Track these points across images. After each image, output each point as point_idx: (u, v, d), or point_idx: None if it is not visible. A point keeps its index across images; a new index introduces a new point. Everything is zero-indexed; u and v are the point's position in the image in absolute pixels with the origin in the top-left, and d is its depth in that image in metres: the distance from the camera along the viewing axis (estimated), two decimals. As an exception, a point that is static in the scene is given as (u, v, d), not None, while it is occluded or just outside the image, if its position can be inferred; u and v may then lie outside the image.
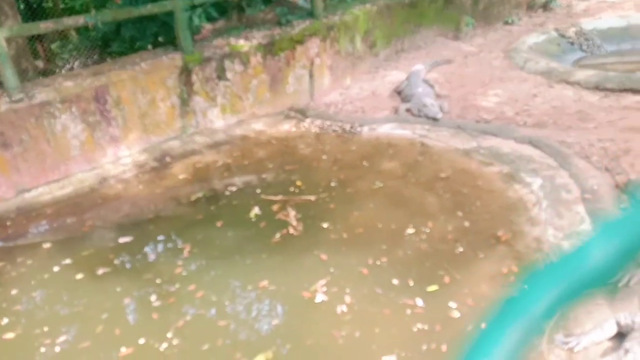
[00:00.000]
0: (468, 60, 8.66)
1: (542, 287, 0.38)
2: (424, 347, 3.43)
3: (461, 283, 3.98)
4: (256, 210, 5.15)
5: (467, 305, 3.73)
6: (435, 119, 6.61)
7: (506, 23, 10.68)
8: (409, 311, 3.76)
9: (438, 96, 7.30)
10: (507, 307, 0.38)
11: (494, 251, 4.30)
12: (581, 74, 7.45)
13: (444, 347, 3.42)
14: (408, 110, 6.99)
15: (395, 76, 8.14)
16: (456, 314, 3.68)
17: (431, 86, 7.41)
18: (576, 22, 10.07)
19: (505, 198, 5.01)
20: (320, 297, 3.92)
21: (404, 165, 5.85)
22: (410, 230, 4.64)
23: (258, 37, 7.14)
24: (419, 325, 3.61)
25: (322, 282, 4.06)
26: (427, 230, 4.63)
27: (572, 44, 9.64)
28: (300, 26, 7.49)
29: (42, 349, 3.69)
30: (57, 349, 3.69)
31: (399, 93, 7.54)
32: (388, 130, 6.71)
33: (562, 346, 3.28)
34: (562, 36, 9.72)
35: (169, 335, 3.70)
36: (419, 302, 3.81)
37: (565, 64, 8.54)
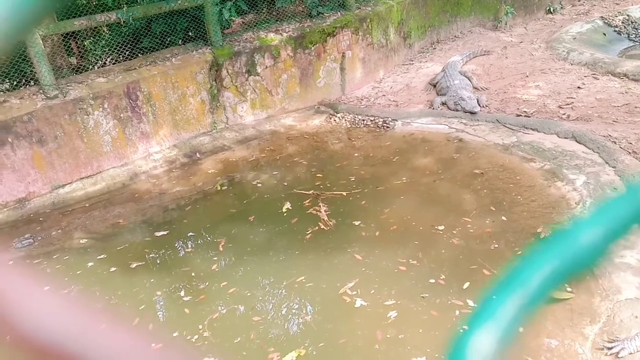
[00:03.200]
0: (507, 51, 8.31)
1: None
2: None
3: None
4: (287, 205, 5.10)
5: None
6: (472, 113, 6.35)
7: (548, 12, 10.22)
8: (456, 312, 3.60)
9: (475, 89, 7.03)
10: None
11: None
12: (629, 65, 7.03)
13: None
14: (444, 103, 6.75)
15: (430, 68, 7.89)
16: None
17: (468, 78, 7.14)
18: (624, 10, 9.54)
19: (546, 196, 4.76)
20: (354, 296, 3.85)
21: (439, 161, 5.64)
22: (446, 228, 4.47)
23: (288, 30, 7.03)
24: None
25: (356, 281, 3.99)
26: (464, 229, 4.44)
27: (619, 33, 9.14)
28: (331, 18, 7.33)
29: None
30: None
31: (434, 86, 7.29)
32: (423, 124, 6.50)
33: (607, 351, 3.13)
34: (609, 25, 9.23)
35: (202, 328, 3.71)
36: (460, 302, 3.66)
37: (611, 54, 8.10)
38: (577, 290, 3.62)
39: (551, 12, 10.21)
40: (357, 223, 4.71)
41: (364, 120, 6.82)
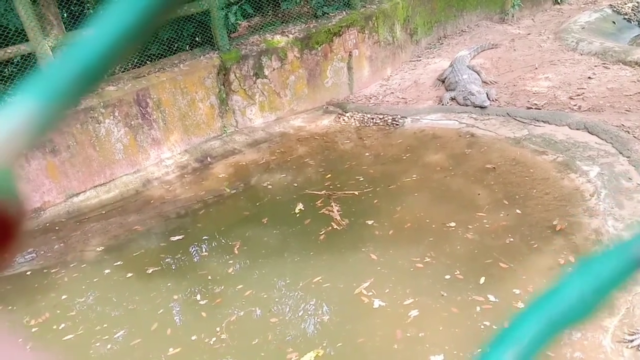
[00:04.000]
0: (515, 44, 8.25)
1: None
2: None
3: (519, 274, 3.81)
4: (300, 206, 5.12)
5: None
6: (482, 107, 6.31)
7: (556, 2, 10.12)
8: (477, 308, 3.59)
9: (484, 83, 6.98)
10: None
11: (550, 242, 4.07)
12: (640, 52, 6.94)
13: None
14: (453, 99, 6.71)
15: (438, 64, 7.85)
16: (520, 305, 3.55)
17: (477, 73, 7.09)
18: (633, -3, 9.41)
19: (560, 188, 4.72)
20: (370, 296, 3.85)
21: (451, 157, 5.61)
22: (460, 224, 4.46)
23: (294, 31, 7.03)
24: (485, 323, 3.46)
25: (372, 280, 3.99)
26: (478, 224, 4.42)
27: (629, 20, 9.02)
28: (337, 17, 7.33)
29: (100, 345, 3.76)
30: (114, 346, 3.76)
31: (443, 81, 7.25)
32: (432, 121, 6.47)
33: (628, 344, 3.10)
34: (618, 13, 9.12)
35: (219, 330, 3.75)
36: (478, 297, 3.65)
37: (621, 43, 8.00)
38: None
39: (559, 3, 10.11)
40: (370, 222, 4.70)
41: (373, 118, 6.81)
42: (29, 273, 4.73)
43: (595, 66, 6.91)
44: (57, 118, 0.31)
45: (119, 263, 4.72)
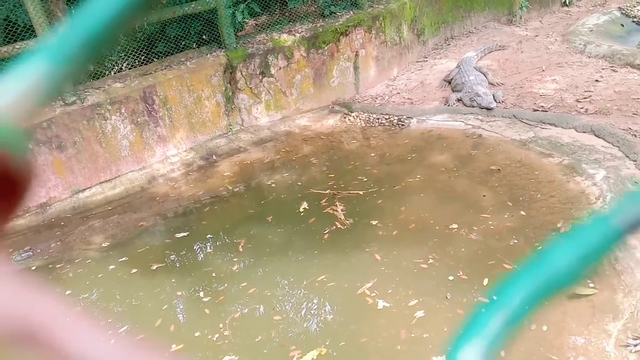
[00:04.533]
0: (523, 46, 8.22)
1: None
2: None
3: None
4: (304, 205, 5.12)
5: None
6: (488, 109, 6.29)
7: (564, 4, 10.08)
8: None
9: (491, 84, 6.96)
10: None
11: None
12: (649, 55, 6.90)
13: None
14: (459, 100, 6.70)
15: (444, 65, 7.84)
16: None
17: (484, 74, 7.07)
18: (642, 0, 9.36)
19: (565, 191, 4.70)
20: (374, 297, 3.85)
21: (456, 158, 5.60)
22: (464, 225, 4.45)
23: (301, 30, 7.04)
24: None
25: (376, 280, 3.99)
26: (482, 226, 4.41)
27: (637, 23, 8.98)
28: (344, 17, 7.32)
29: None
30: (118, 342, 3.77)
31: (449, 82, 7.24)
32: (438, 122, 6.46)
33: (631, 348, 3.09)
34: (627, 15, 9.07)
35: (223, 327, 3.76)
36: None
37: (630, 46, 7.96)
38: (599, 286, 3.57)
39: (567, 5, 10.07)
40: (374, 222, 4.70)
41: (378, 118, 6.80)
42: (34, 268, 4.75)
43: (603, 69, 6.88)
44: (64, 81, 0.32)
45: (123, 259, 4.74)
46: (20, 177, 0.33)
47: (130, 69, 6.36)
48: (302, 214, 5.01)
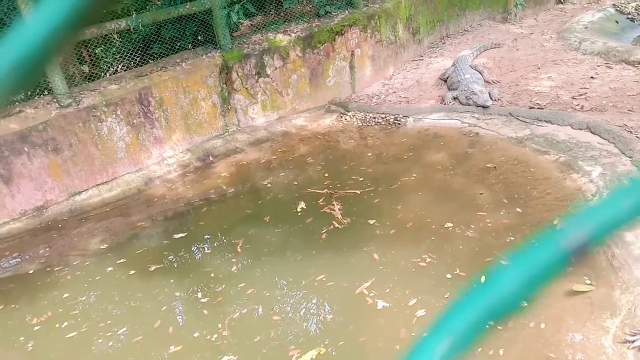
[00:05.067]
0: (518, 43, 8.24)
1: None
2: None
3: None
4: (302, 204, 5.12)
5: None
6: (484, 107, 6.31)
7: (559, 2, 10.11)
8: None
9: (487, 82, 6.98)
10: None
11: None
12: (643, 52, 6.92)
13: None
14: (455, 98, 6.71)
15: (440, 63, 7.85)
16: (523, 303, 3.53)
17: (479, 72, 7.09)
18: (636, -4, 9.39)
19: (562, 188, 4.72)
20: (372, 295, 3.85)
21: (453, 157, 5.61)
22: (461, 223, 4.45)
23: (297, 30, 7.03)
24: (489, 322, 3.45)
25: (374, 280, 3.99)
26: (479, 223, 4.42)
27: (632, 20, 9.01)
28: (339, 17, 7.32)
29: (102, 343, 3.77)
30: (116, 344, 3.77)
31: (445, 81, 7.25)
32: (435, 120, 6.47)
33: (629, 345, 3.10)
34: (621, 12, 9.10)
35: (221, 327, 3.76)
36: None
37: (625, 42, 7.98)
38: (596, 282, 3.58)
39: (562, 2, 10.10)
40: (371, 221, 4.71)
41: (375, 118, 6.81)
42: (31, 271, 4.74)
43: (598, 66, 6.90)
44: None
45: (121, 261, 4.73)
46: None
47: (125, 70, 6.34)
48: (299, 214, 5.01)
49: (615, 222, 0.29)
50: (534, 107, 6.14)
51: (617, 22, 8.93)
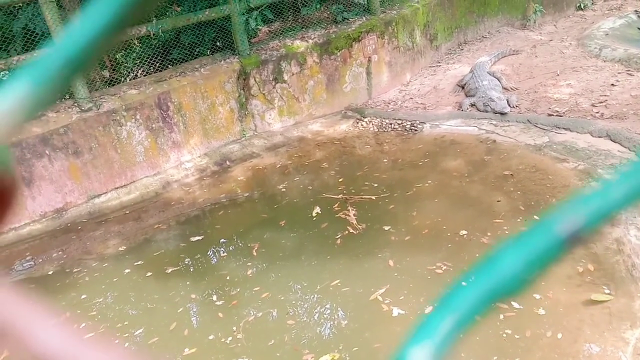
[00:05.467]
0: (537, 50, 8.16)
1: None
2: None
3: (538, 281, 3.73)
4: (317, 209, 5.13)
5: (553, 306, 3.47)
6: (502, 114, 6.26)
7: (579, 8, 9.99)
8: (501, 315, 3.54)
9: (505, 89, 6.92)
10: None
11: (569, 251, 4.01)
12: (666, 59, 6.81)
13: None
14: (472, 105, 6.67)
15: (458, 70, 7.81)
16: (541, 311, 3.51)
17: (497, 79, 7.04)
18: (658, 3, 9.25)
19: (581, 196, 4.64)
20: (387, 302, 3.83)
21: (470, 164, 5.57)
22: (477, 231, 4.41)
23: (314, 36, 7.08)
24: (507, 331, 3.42)
25: (389, 286, 3.97)
26: (496, 231, 4.37)
27: (654, 26, 8.85)
28: (356, 23, 7.35)
29: (118, 344, 3.80)
30: (132, 345, 3.81)
31: (463, 87, 7.21)
32: (451, 127, 6.43)
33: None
34: (643, 18, 8.96)
35: (236, 330, 3.78)
36: (502, 305, 3.60)
37: (646, 49, 7.85)
38: (615, 292, 3.52)
39: (582, 9, 9.98)
40: (386, 228, 4.69)
41: (391, 124, 6.80)
42: (50, 272, 4.82)
43: (619, 73, 6.80)
44: (47, 100, 0.33)
45: (139, 263, 4.79)
46: (5, 192, 0.34)
47: (145, 75, 6.44)
48: (314, 219, 5.02)
49: (612, 206, 0.30)
50: (552, 115, 6.07)
51: (639, 28, 8.79)
